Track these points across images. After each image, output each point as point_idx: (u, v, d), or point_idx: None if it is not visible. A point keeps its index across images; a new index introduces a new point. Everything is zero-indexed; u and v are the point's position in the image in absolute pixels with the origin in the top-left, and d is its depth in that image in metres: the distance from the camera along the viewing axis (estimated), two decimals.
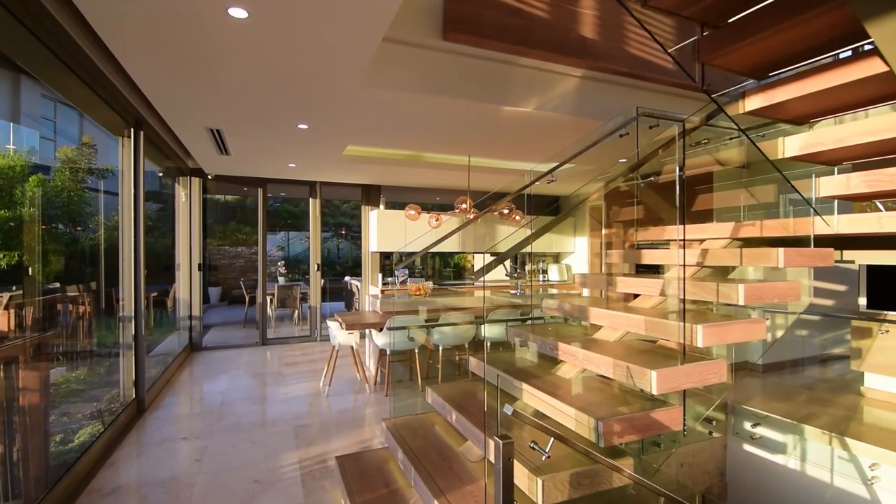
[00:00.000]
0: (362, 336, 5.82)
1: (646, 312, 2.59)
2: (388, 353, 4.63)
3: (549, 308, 3.26)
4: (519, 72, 3.51)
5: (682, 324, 2.17)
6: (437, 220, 5.88)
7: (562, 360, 2.69)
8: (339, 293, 12.99)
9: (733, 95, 2.45)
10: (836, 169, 2.74)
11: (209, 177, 6.50)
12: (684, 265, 2.26)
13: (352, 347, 4.84)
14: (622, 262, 3.45)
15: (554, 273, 8.79)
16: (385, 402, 4.35)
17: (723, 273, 2.88)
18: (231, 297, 12.55)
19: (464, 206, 5.28)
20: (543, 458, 1.80)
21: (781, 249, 2.36)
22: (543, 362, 3.02)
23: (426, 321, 4.65)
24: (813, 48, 2.13)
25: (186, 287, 6.60)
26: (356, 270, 15.11)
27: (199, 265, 6.68)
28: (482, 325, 4.94)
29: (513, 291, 6.35)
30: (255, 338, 7.15)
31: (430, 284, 5.56)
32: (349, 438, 3.54)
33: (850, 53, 2.11)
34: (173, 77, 2.97)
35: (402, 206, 7.55)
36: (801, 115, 2.51)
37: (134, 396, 4.12)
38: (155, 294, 7.75)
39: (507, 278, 9.01)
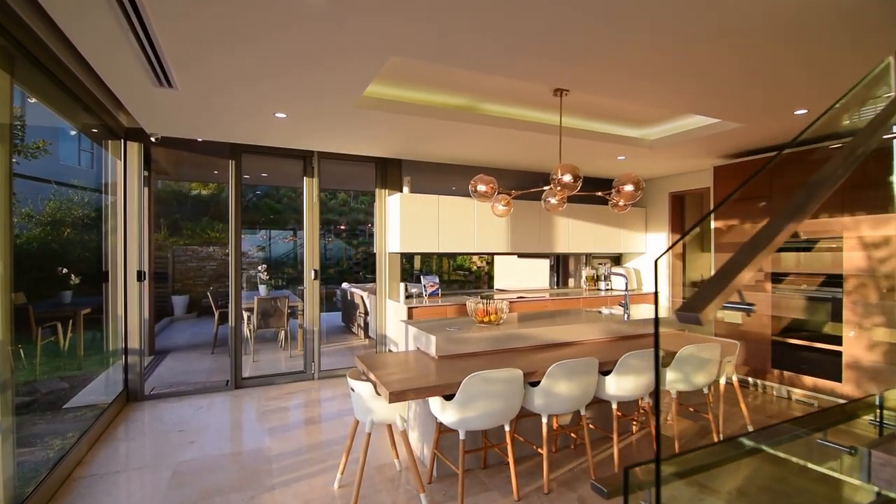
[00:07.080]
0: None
1: None
2: (461, 436, 2.54)
3: None
4: None
5: None
6: (506, 204, 3.83)
7: None
8: (329, 299, 10.85)
9: None
10: None
11: (153, 139, 4.31)
12: None
13: (390, 426, 2.74)
14: None
15: (618, 280, 6.80)
16: None
17: None
18: (200, 308, 10.30)
19: (567, 178, 3.23)
20: None
21: None
22: None
23: (525, 375, 2.60)
24: None
25: (121, 305, 4.42)
26: (356, 275, 12.93)
27: (141, 273, 4.50)
28: (612, 379, 2.90)
29: (605, 311, 4.32)
30: (226, 374, 5.00)
31: (504, 306, 3.49)
32: None
33: None
34: None
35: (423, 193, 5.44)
36: None
37: None
38: (87, 311, 5.57)
39: (535, 287, 7.03)
